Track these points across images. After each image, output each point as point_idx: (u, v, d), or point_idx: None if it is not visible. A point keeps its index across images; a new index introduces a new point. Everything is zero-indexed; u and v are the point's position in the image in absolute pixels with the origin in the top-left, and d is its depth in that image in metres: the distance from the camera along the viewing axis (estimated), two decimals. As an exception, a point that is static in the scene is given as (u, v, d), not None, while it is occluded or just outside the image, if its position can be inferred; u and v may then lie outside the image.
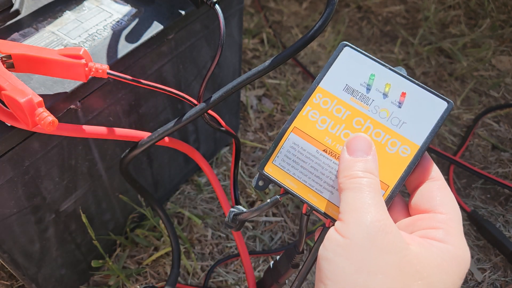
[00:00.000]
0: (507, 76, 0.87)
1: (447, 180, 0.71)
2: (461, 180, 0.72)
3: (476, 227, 0.65)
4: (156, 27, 0.44)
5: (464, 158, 0.75)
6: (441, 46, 0.91)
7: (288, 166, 0.31)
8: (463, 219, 0.67)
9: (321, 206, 0.30)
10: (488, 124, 0.80)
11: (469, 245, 0.64)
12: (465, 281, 0.61)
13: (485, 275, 0.61)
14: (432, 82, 0.86)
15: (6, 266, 0.45)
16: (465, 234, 0.66)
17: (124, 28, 0.44)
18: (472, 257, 0.63)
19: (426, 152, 0.30)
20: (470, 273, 0.62)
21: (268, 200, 0.32)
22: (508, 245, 0.61)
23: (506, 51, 0.91)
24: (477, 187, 0.71)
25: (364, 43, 0.93)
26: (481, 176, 0.71)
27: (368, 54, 0.31)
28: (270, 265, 0.41)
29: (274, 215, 0.67)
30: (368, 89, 0.31)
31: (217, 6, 0.41)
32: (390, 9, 1.00)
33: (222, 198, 0.48)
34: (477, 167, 0.73)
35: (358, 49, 0.32)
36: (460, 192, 0.71)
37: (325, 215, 0.30)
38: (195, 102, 0.41)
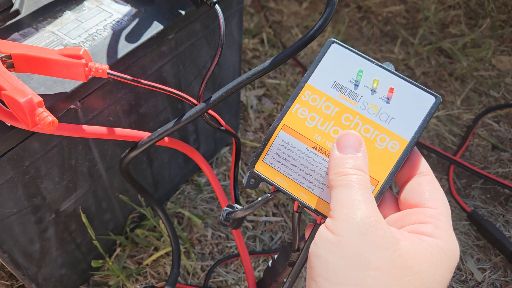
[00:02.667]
0: (507, 76, 0.87)
1: (447, 180, 0.71)
2: (461, 180, 0.72)
3: (476, 227, 0.65)
4: (156, 27, 0.44)
5: (464, 158, 0.75)
6: (441, 46, 0.91)
7: (278, 164, 0.31)
8: (463, 219, 0.67)
9: (312, 203, 0.30)
10: (488, 124, 0.80)
11: (469, 245, 0.65)
12: (465, 281, 0.61)
13: (485, 275, 0.61)
14: (432, 82, 0.86)
15: (6, 266, 0.45)
16: (465, 234, 0.66)
17: (124, 28, 0.44)
18: (472, 257, 0.63)
19: (415, 147, 0.30)
20: (470, 273, 0.62)
21: (259, 198, 0.33)
22: (508, 245, 0.61)
23: (506, 51, 0.91)
24: (477, 187, 0.71)
25: (364, 43, 0.93)
26: (481, 176, 0.71)
27: (356, 51, 0.31)
28: (269, 264, 0.41)
29: (274, 215, 0.67)
30: (356, 85, 0.31)
31: (217, 6, 0.41)
32: (390, 9, 1.00)
33: (222, 198, 0.48)
34: (477, 167, 0.73)
35: (346, 45, 0.32)
36: (460, 192, 0.71)
37: (316, 211, 0.30)
38: (195, 102, 0.41)
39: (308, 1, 1.01)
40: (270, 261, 0.41)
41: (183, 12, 0.46)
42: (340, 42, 0.32)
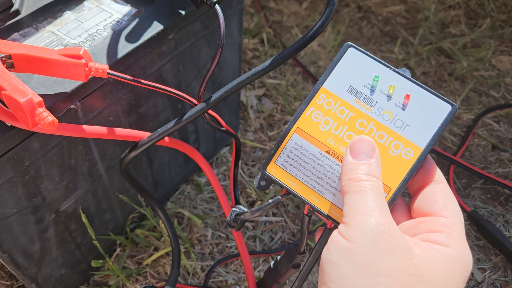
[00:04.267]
0: (507, 76, 0.87)
1: (447, 180, 0.71)
2: (461, 180, 0.72)
3: (476, 227, 0.65)
4: (156, 27, 0.44)
5: (464, 158, 0.75)
6: (441, 46, 0.91)
7: (291, 167, 0.31)
8: (463, 219, 0.67)
9: (323, 207, 0.30)
10: (488, 124, 0.80)
11: (469, 245, 0.64)
12: (465, 281, 0.61)
13: (485, 275, 0.61)
14: (432, 82, 0.86)
15: (6, 266, 0.45)
16: (465, 234, 0.66)
17: (124, 28, 0.44)
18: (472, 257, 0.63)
19: (429, 155, 0.30)
20: (470, 273, 0.62)
21: (270, 200, 0.32)
22: (508, 245, 0.61)
23: (506, 51, 0.91)
24: (477, 187, 0.71)
25: (364, 43, 0.93)
26: (481, 176, 0.71)
27: (373, 56, 0.31)
28: (270, 265, 0.41)
29: (274, 215, 0.67)
30: (372, 91, 0.31)
31: (217, 6, 0.41)
32: (390, 9, 1.00)
33: (222, 198, 0.48)
34: (477, 167, 0.73)
35: (363, 50, 0.31)
36: (460, 192, 0.71)
37: (328, 217, 0.30)
38: (195, 102, 0.41)
39: (308, 1, 1.01)
40: (272, 262, 0.41)
41: (183, 12, 0.46)
42: (357, 47, 0.31)
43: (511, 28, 0.92)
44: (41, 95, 0.34)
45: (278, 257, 0.40)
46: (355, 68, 0.31)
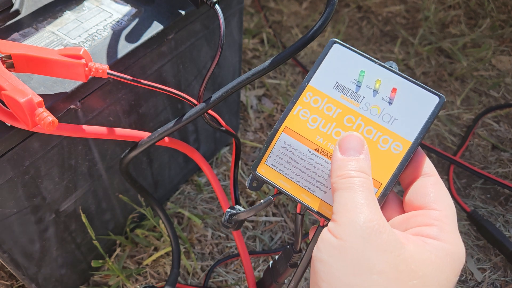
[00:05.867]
0: (507, 76, 0.87)
1: (447, 180, 0.71)
2: (461, 180, 0.72)
3: (476, 227, 0.65)
4: (156, 27, 0.44)
5: (464, 158, 0.75)
6: (441, 46, 0.91)
7: (281, 166, 0.31)
8: (463, 219, 0.67)
9: (315, 205, 0.30)
10: (488, 124, 0.80)
11: (469, 245, 0.64)
12: (465, 281, 0.61)
13: (485, 275, 0.61)
14: (432, 82, 0.86)
15: (6, 266, 0.45)
16: (465, 234, 0.66)
17: (124, 28, 0.44)
18: (472, 257, 0.63)
19: (419, 147, 0.30)
20: (470, 273, 0.62)
21: (262, 201, 0.33)
22: (508, 245, 0.61)
23: (506, 51, 0.91)
24: (477, 187, 0.71)
25: (364, 43, 0.93)
26: (481, 176, 0.71)
27: (358, 51, 0.31)
28: (269, 265, 0.41)
29: (274, 215, 0.67)
30: (358, 86, 0.31)
31: (217, 6, 0.41)
32: (390, 9, 1.00)
33: (222, 198, 0.48)
34: (477, 167, 0.73)
35: (348, 45, 0.31)
36: (460, 192, 0.71)
37: (319, 214, 0.30)
38: (195, 102, 0.41)
39: (308, 1, 1.01)
40: (271, 262, 0.41)
41: (183, 12, 0.46)
42: (342, 42, 0.31)
43: (511, 28, 0.92)
44: (41, 95, 0.34)
45: (276, 257, 0.40)
46: (340, 64, 0.31)
